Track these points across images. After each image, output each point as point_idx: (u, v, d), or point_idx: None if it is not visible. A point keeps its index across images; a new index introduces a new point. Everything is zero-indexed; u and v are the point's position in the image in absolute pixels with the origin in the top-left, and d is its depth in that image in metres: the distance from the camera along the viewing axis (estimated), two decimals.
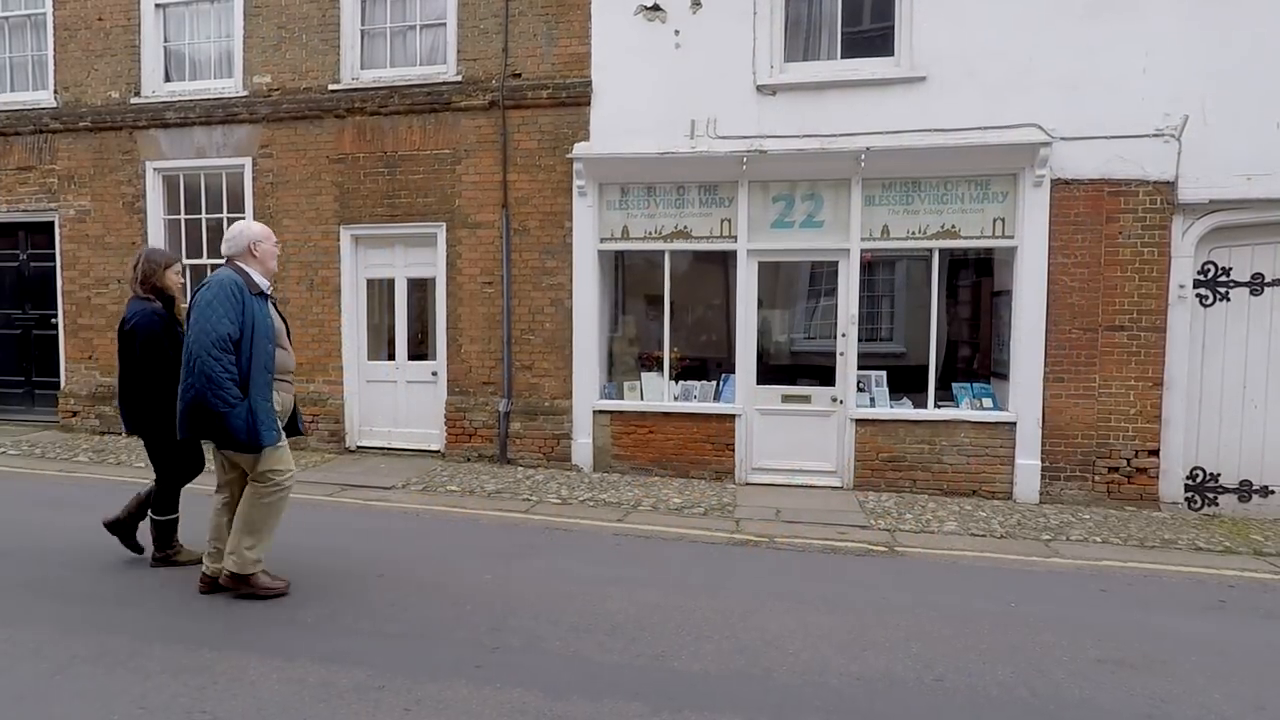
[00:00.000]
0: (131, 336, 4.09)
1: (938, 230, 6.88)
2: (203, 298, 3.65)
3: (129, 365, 4.16)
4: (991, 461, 6.79)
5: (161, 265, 4.26)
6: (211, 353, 3.58)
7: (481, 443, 7.72)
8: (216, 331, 3.59)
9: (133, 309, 4.15)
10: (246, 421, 3.67)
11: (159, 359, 4.08)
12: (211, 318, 3.60)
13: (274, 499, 3.91)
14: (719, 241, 7.26)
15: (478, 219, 7.66)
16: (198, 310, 3.63)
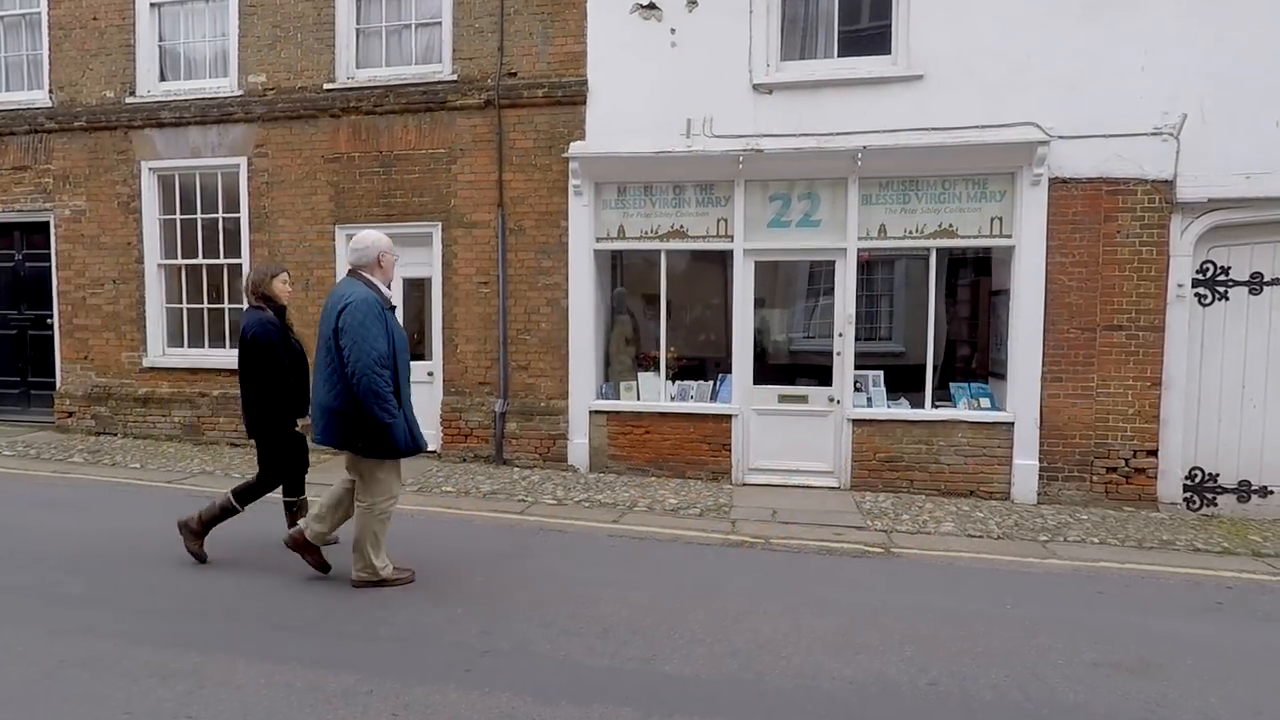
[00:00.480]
0: (252, 345, 4.35)
1: (935, 229, 6.85)
2: (354, 318, 3.77)
3: (248, 371, 4.42)
4: (989, 462, 6.76)
5: (268, 275, 4.60)
6: (375, 370, 3.76)
7: (478, 443, 7.70)
8: (376, 350, 3.78)
9: (249, 319, 4.44)
10: (404, 431, 3.94)
11: (276, 364, 4.38)
12: (369, 337, 3.76)
13: (385, 509, 4.14)
14: (715, 241, 7.23)
15: (473, 219, 7.63)
16: (353, 331, 3.76)
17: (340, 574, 4.41)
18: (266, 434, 4.51)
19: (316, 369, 4.00)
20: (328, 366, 3.88)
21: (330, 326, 3.84)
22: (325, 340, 3.90)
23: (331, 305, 3.91)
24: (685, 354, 7.95)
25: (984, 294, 7.87)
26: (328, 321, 3.88)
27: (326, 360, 3.89)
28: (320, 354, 3.96)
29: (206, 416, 8.38)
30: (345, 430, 3.90)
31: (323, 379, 3.92)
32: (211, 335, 8.56)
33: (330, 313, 3.88)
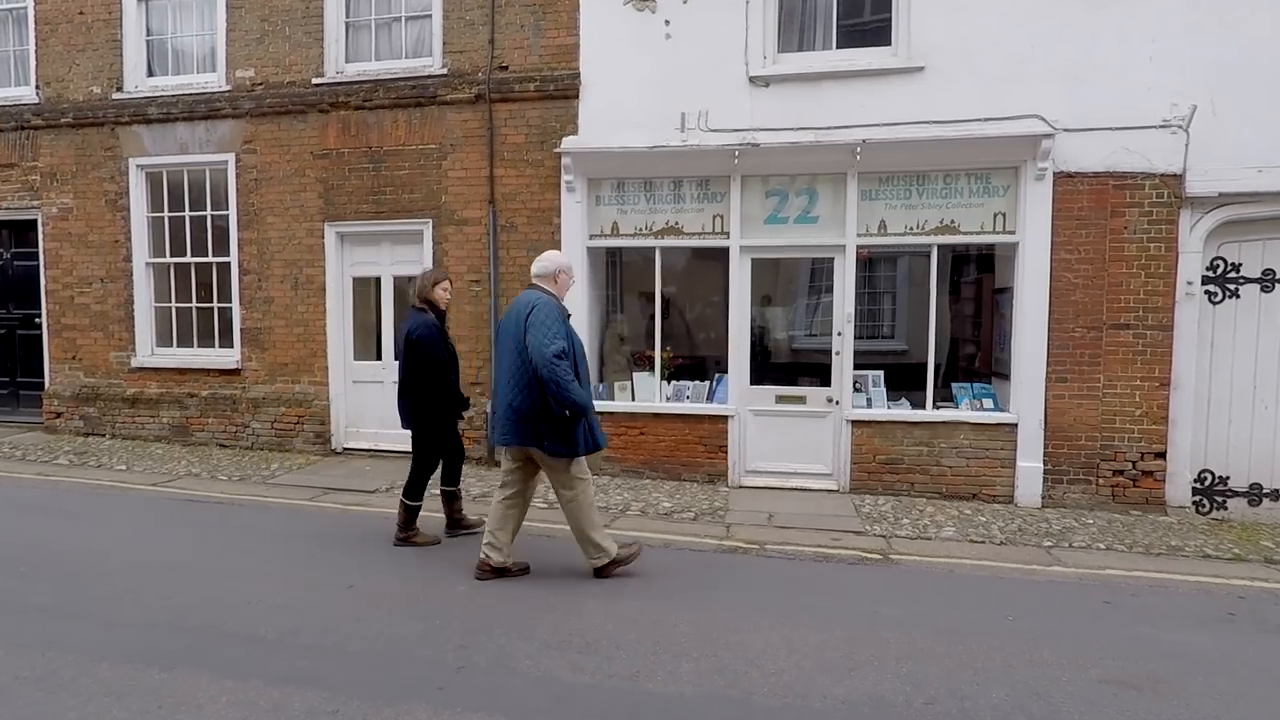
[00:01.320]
0: (416, 345, 4.73)
1: (937, 225, 6.66)
2: (538, 318, 3.95)
3: (412, 369, 4.77)
4: (992, 464, 6.58)
5: (431, 282, 4.98)
6: (555, 363, 3.89)
7: (469, 445, 7.53)
8: (556, 344, 3.93)
9: (414, 320, 4.81)
10: (585, 430, 4.13)
11: (437, 363, 4.74)
12: (548, 333, 3.93)
13: (588, 495, 4.32)
14: (711, 238, 7.06)
15: (464, 215, 7.48)
16: (536, 328, 3.92)
17: (312, 583, 4.27)
18: (425, 427, 4.89)
19: (502, 373, 4.18)
20: (516, 369, 4.06)
21: (520, 332, 4.01)
22: (514, 343, 4.05)
23: (518, 312, 4.10)
24: (681, 354, 7.80)
25: (986, 292, 7.69)
26: (516, 328, 4.05)
27: (516, 363, 4.05)
28: (507, 358, 4.13)
29: (195, 417, 8.24)
30: (531, 430, 4.05)
31: (509, 382, 4.09)
32: (201, 334, 8.42)
33: (517, 319, 4.06)
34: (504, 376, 4.14)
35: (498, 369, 4.27)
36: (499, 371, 4.23)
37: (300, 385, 7.98)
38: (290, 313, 7.97)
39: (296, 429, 7.96)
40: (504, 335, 4.20)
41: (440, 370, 4.78)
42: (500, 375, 4.20)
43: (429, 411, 4.87)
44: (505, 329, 4.18)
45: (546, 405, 3.97)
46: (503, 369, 4.15)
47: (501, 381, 4.16)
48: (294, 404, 7.97)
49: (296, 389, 7.99)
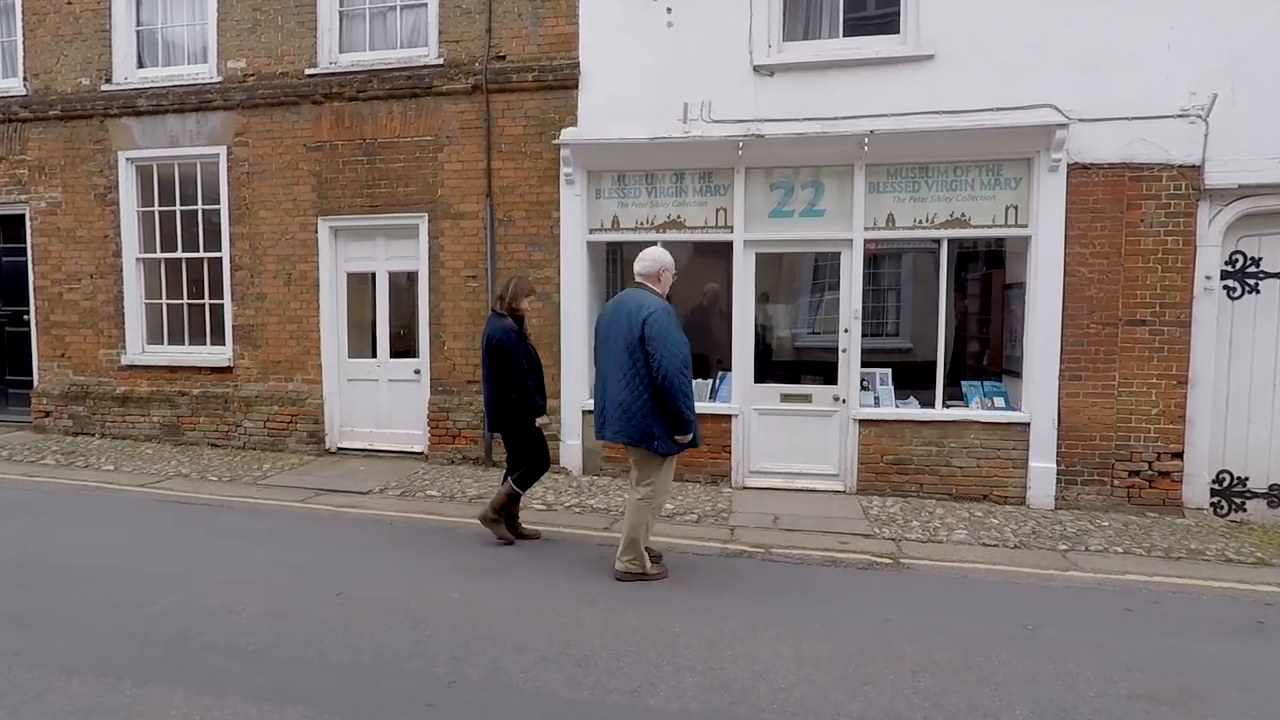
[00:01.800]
0: (496, 350, 4.80)
1: (946, 219, 6.47)
2: (660, 325, 4.02)
3: (495, 373, 4.85)
4: (1003, 464, 6.39)
5: (524, 293, 5.08)
6: (682, 371, 4.05)
7: (466, 444, 7.36)
8: (683, 353, 4.07)
9: (495, 326, 4.89)
10: (694, 429, 4.22)
11: (516, 368, 4.81)
12: (675, 341, 4.05)
13: (661, 498, 4.44)
14: (714, 232, 6.86)
15: (461, 209, 7.29)
16: (661, 336, 4.00)
17: (299, 590, 4.09)
18: (511, 428, 4.96)
19: (611, 372, 4.23)
20: (628, 369, 4.11)
21: (634, 333, 4.06)
22: (626, 344, 4.10)
23: (628, 312, 4.13)
24: None
25: (997, 287, 7.50)
26: (628, 328, 4.09)
27: (627, 364, 4.10)
28: (618, 358, 4.17)
29: (187, 416, 8.06)
30: (641, 428, 4.12)
31: (620, 381, 4.14)
32: (192, 332, 8.24)
33: (629, 319, 4.10)
34: (613, 375, 4.20)
35: (604, 366, 4.33)
36: (605, 369, 4.30)
37: (293, 384, 7.80)
38: (283, 309, 7.78)
39: (289, 428, 7.77)
40: (610, 334, 4.24)
41: (520, 375, 4.84)
42: (608, 373, 4.26)
43: (511, 413, 4.93)
44: (612, 328, 4.22)
45: (658, 405, 4.08)
46: (611, 367, 4.20)
47: (611, 380, 4.22)
48: (287, 403, 7.79)
49: (290, 387, 7.80)
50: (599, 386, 4.39)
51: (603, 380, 4.33)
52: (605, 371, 4.29)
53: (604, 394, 4.30)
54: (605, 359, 4.29)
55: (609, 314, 4.31)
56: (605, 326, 4.31)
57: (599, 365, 4.42)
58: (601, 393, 4.34)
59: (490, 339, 4.85)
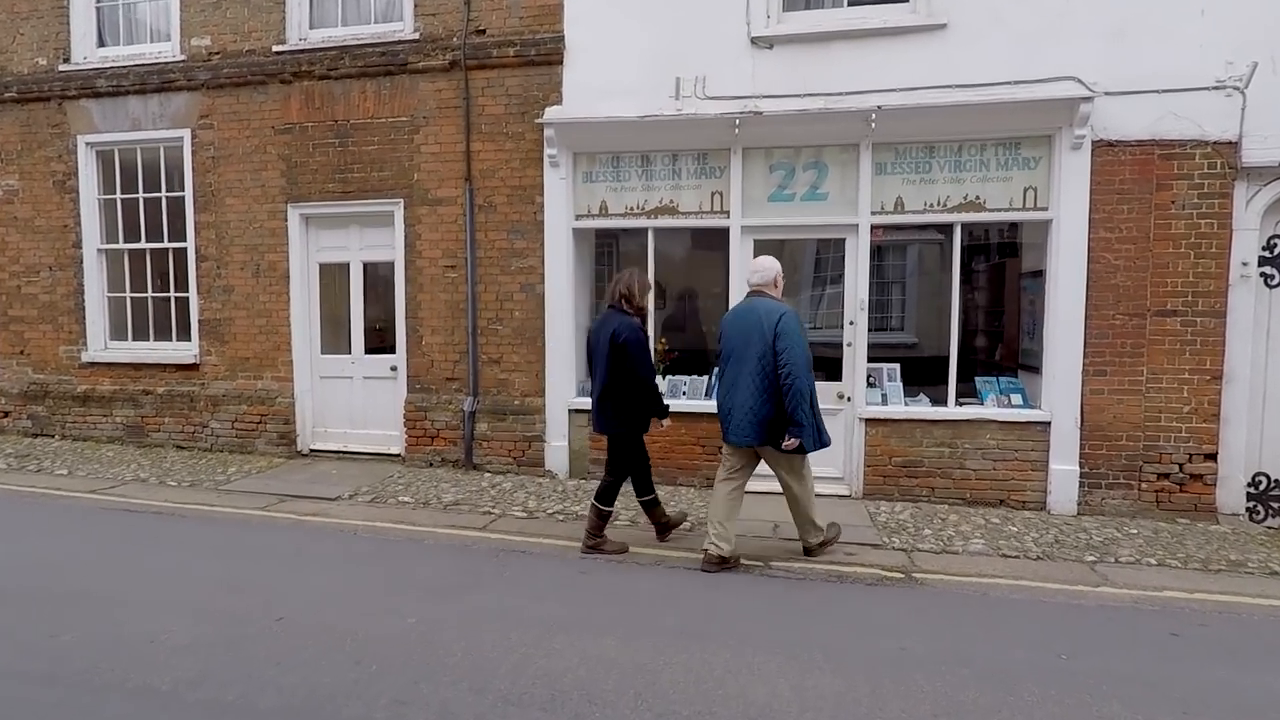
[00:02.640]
0: (624, 349, 4.50)
1: (960, 202, 5.99)
2: (790, 327, 4.24)
3: (617, 374, 4.56)
4: (1022, 467, 5.92)
5: (646, 289, 4.88)
6: (809, 374, 4.27)
7: (445, 445, 6.90)
8: (808, 356, 4.29)
9: (619, 322, 4.57)
10: (813, 430, 4.33)
11: (646, 368, 4.58)
12: (803, 344, 4.27)
13: (811, 483, 4.68)
14: (709, 217, 6.39)
15: (438, 194, 6.81)
16: (791, 337, 4.21)
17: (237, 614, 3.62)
18: (628, 431, 4.67)
19: (742, 376, 4.33)
20: (758, 374, 4.28)
21: (766, 337, 4.24)
22: (759, 350, 4.27)
23: (758, 318, 4.31)
24: (678, 346, 7.14)
25: (1011, 277, 7.02)
26: (760, 333, 4.27)
27: (757, 369, 4.28)
28: (746, 363, 4.32)
29: (151, 416, 7.60)
30: (775, 431, 4.30)
31: (751, 385, 4.30)
32: (158, 327, 7.78)
33: (760, 325, 4.28)
34: (744, 380, 4.32)
35: (730, 370, 4.43)
36: (733, 373, 4.40)
37: (263, 381, 7.34)
38: (251, 302, 7.31)
39: (259, 429, 7.31)
40: (739, 338, 4.39)
41: (649, 375, 4.61)
42: (738, 378, 4.36)
43: (634, 418, 4.66)
44: (742, 332, 4.37)
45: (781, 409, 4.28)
46: (743, 372, 4.33)
47: (741, 384, 4.34)
48: (256, 402, 7.32)
49: (259, 385, 7.34)
50: (722, 392, 4.50)
51: (730, 385, 4.43)
52: (732, 376, 4.40)
53: (730, 399, 4.41)
54: (731, 364, 4.42)
55: (734, 323, 4.47)
56: (733, 332, 4.45)
57: (725, 371, 4.49)
58: (727, 398, 4.45)
59: (617, 336, 4.52)
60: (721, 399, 4.50)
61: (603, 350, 4.60)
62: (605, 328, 4.63)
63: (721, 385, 4.51)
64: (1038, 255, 6.16)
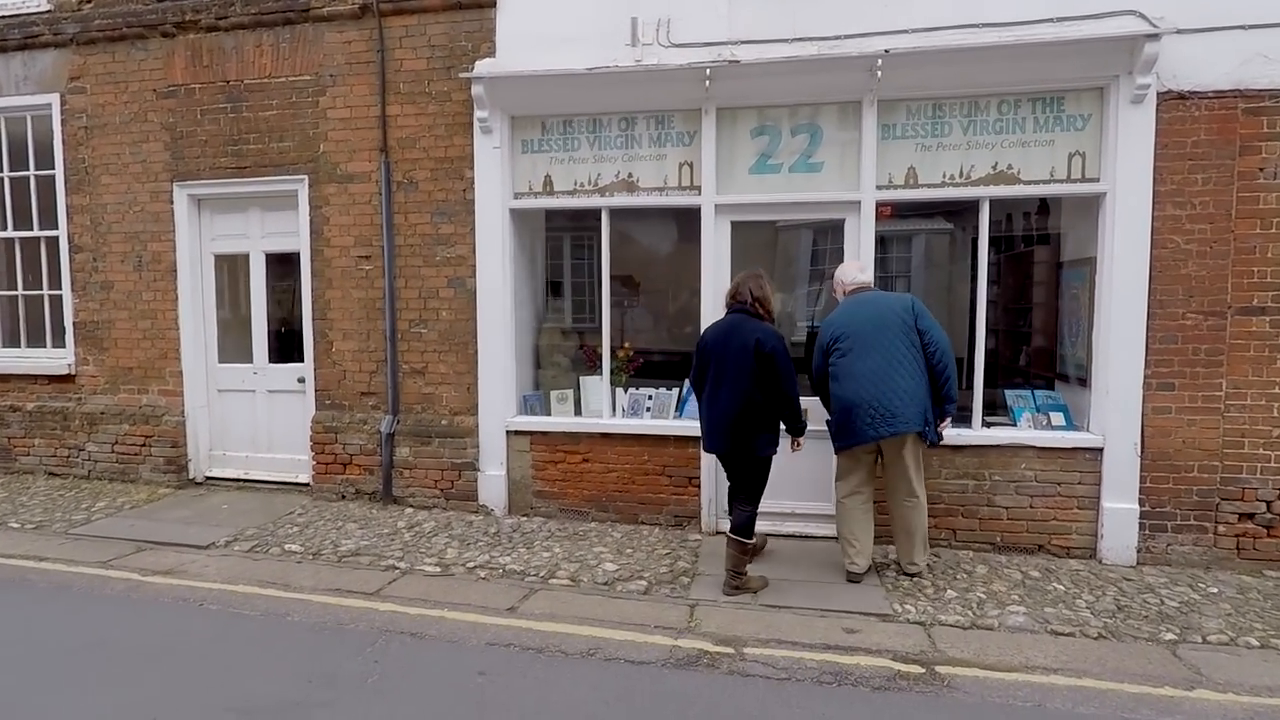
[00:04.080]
0: (771, 359, 3.94)
1: (988, 173, 4.79)
2: (924, 310, 4.15)
3: (762, 387, 3.98)
4: (1066, 504, 4.73)
5: (772, 291, 4.26)
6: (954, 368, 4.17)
7: (359, 474, 5.70)
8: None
9: (762, 329, 4.02)
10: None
11: (792, 382, 4.02)
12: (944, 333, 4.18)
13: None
14: (677, 194, 5.19)
15: (349, 169, 5.61)
16: (936, 328, 4.12)
17: None
18: (762, 453, 4.06)
19: (895, 365, 4.07)
20: (909, 358, 4.08)
21: (908, 323, 4.11)
22: (905, 336, 4.10)
23: (888, 305, 4.19)
24: (645, 350, 5.96)
25: (1044, 267, 5.84)
26: (900, 320, 4.11)
27: (908, 354, 4.08)
28: (896, 351, 4.08)
29: (18, 437, 6.40)
30: (924, 413, 4.10)
31: (904, 371, 4.07)
32: (31, 331, 6.56)
33: (896, 313, 4.13)
34: (897, 368, 4.08)
35: (866, 361, 4.10)
36: (873, 364, 4.09)
37: (148, 396, 6.13)
38: (134, 301, 6.11)
39: (143, 453, 6.11)
40: (877, 329, 4.14)
41: (792, 390, 4.03)
42: (882, 367, 4.08)
43: (765, 434, 4.04)
44: (880, 322, 4.14)
45: (934, 391, 4.14)
46: (897, 361, 4.08)
47: (896, 371, 4.07)
48: (139, 420, 6.12)
49: (144, 401, 6.14)
50: (861, 385, 4.11)
51: (872, 376, 4.09)
52: (872, 368, 4.09)
53: (879, 388, 4.08)
54: (871, 355, 4.11)
55: (865, 317, 4.18)
56: (865, 327, 4.15)
57: (855, 366, 4.12)
58: (872, 388, 4.09)
59: (764, 345, 3.94)
60: (859, 398, 4.10)
61: (736, 360, 3.99)
62: (738, 334, 4.02)
63: (864, 382, 4.09)
64: (1082, 239, 4.96)
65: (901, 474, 4.25)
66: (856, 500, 4.33)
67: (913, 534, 4.29)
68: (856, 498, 4.33)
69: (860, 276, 4.47)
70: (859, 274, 4.48)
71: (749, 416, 4.00)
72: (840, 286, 4.49)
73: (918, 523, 4.28)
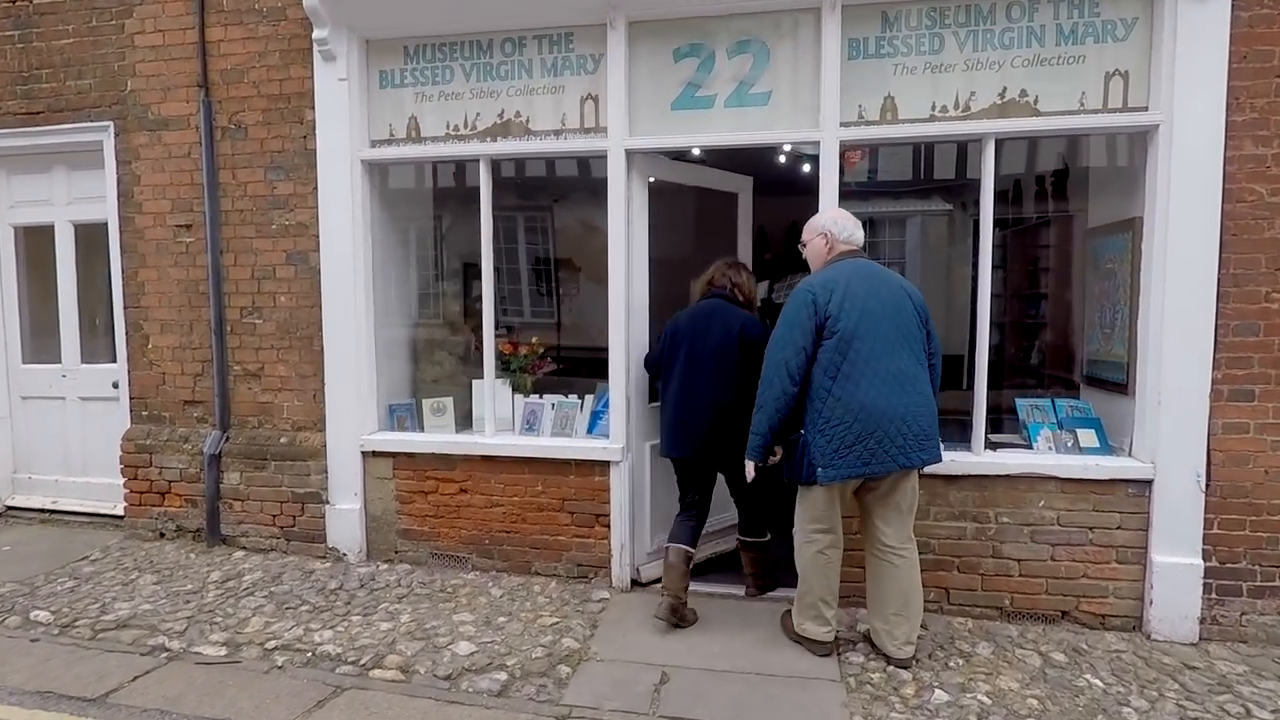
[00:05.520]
0: (753, 348, 3.34)
1: (995, 101, 3.50)
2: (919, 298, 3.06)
3: (747, 381, 3.31)
4: (1099, 556, 3.44)
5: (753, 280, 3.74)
6: None
7: (180, 506, 4.43)
8: None
9: (744, 316, 3.51)
10: None
11: None
12: None
13: None
14: (578, 137, 3.90)
15: (163, 113, 4.34)
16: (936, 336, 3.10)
17: None
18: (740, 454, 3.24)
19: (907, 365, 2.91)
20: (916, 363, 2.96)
21: (914, 316, 2.98)
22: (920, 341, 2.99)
23: (889, 285, 2.98)
24: (574, 346, 4.70)
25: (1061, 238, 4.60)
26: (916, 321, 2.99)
27: (910, 358, 2.94)
28: (899, 353, 2.90)
29: None
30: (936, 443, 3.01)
31: (928, 387, 2.99)
32: None
33: (915, 309, 3.00)
34: (922, 374, 2.96)
35: (894, 359, 2.88)
36: (903, 364, 2.89)
37: None
38: None
39: None
40: (895, 311, 2.93)
41: None
42: (912, 370, 2.90)
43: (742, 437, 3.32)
44: (898, 307, 2.94)
45: None
46: (920, 365, 2.96)
47: (923, 378, 2.95)
48: None
49: None
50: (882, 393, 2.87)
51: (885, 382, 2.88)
52: (902, 370, 2.90)
53: (901, 402, 2.88)
54: (898, 351, 2.91)
55: (880, 295, 2.93)
56: (884, 308, 2.92)
57: (881, 362, 2.88)
58: (895, 401, 2.88)
59: (747, 332, 3.45)
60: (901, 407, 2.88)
61: (715, 350, 3.44)
62: (717, 321, 3.48)
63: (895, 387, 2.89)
64: (1122, 196, 3.68)
65: (900, 514, 3.08)
66: (838, 550, 3.17)
67: (910, 600, 3.06)
68: (837, 545, 3.16)
69: (858, 235, 3.16)
70: (856, 229, 3.15)
71: (733, 416, 3.38)
72: (824, 241, 3.12)
73: (916, 582, 3.08)
